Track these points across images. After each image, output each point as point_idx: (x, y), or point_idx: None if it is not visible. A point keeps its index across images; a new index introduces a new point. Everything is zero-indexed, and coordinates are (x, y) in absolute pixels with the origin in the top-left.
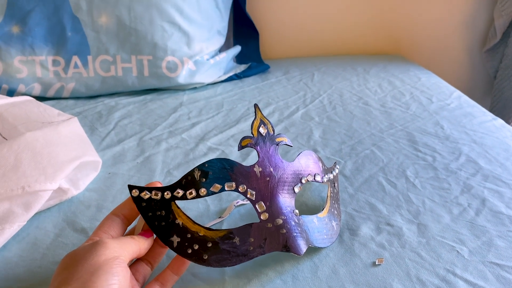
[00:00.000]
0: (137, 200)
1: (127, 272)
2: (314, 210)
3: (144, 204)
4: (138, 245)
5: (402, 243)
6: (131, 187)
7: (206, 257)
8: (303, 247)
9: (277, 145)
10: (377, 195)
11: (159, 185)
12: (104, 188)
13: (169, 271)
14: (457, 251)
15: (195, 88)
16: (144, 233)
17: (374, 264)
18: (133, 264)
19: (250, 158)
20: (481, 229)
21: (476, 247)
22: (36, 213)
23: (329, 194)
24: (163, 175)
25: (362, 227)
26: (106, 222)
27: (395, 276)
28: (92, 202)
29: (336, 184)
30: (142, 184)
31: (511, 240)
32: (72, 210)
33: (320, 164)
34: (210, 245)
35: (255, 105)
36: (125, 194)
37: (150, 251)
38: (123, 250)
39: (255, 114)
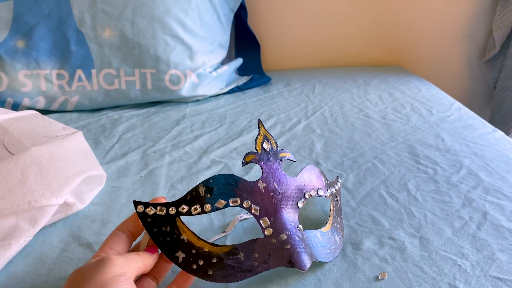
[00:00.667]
0: (142, 216)
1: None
2: (317, 224)
3: (149, 219)
4: (144, 261)
5: (404, 257)
6: (136, 203)
7: (211, 272)
8: (308, 263)
9: (280, 160)
10: (379, 208)
11: (164, 201)
12: (108, 202)
13: (174, 286)
14: (459, 265)
15: (198, 100)
16: (149, 249)
17: (377, 278)
18: (138, 280)
19: (253, 172)
20: (483, 243)
21: (478, 261)
22: (42, 228)
23: (331, 208)
24: (166, 188)
25: (365, 241)
26: (112, 238)
27: None
28: (97, 216)
29: (338, 198)
30: (147, 198)
31: None
32: (77, 224)
33: (323, 179)
34: (215, 260)
35: (259, 121)
36: (130, 208)
37: (155, 266)
38: (129, 266)
39: (259, 130)
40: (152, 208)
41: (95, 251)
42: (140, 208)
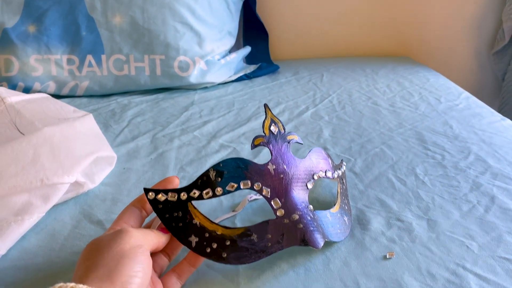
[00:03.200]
0: (153, 202)
1: (150, 261)
2: (325, 206)
3: (161, 206)
4: (157, 238)
5: (412, 238)
6: (146, 190)
7: (225, 255)
8: (321, 241)
9: (288, 143)
10: (387, 191)
11: (176, 180)
12: (119, 183)
13: (186, 263)
14: (467, 246)
15: (206, 87)
16: (161, 230)
17: (385, 257)
18: (152, 256)
19: (262, 155)
20: (491, 225)
21: (486, 242)
22: (54, 206)
23: (339, 190)
24: (176, 171)
25: (373, 222)
26: (126, 212)
27: (406, 269)
28: (108, 195)
29: (344, 181)
30: (157, 179)
31: None
32: (88, 203)
33: (330, 161)
34: (228, 243)
35: (265, 105)
36: (140, 189)
37: (169, 243)
38: (145, 240)
39: (266, 114)
40: (163, 194)
41: (106, 228)
42: (151, 195)
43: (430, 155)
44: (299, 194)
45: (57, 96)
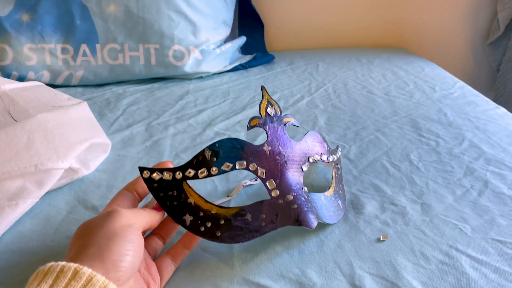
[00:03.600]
0: (148, 181)
1: (141, 240)
2: (319, 190)
3: (156, 185)
4: (150, 217)
5: (406, 221)
6: (141, 169)
7: (219, 234)
8: (314, 221)
9: (284, 125)
10: (381, 177)
11: (170, 165)
12: (113, 169)
13: (180, 246)
14: (460, 229)
15: (201, 77)
16: (155, 208)
17: (378, 240)
18: (146, 238)
19: (257, 142)
20: (484, 209)
21: (479, 225)
22: (48, 192)
23: (333, 174)
24: (171, 157)
25: (367, 206)
26: (119, 196)
27: (399, 251)
28: (102, 182)
29: (339, 166)
30: (152, 166)
31: None
32: (83, 189)
33: (325, 145)
34: (222, 222)
35: (262, 87)
36: (134, 175)
37: (163, 226)
38: (137, 219)
39: (262, 96)
40: (158, 173)
41: None
42: (146, 174)
43: (424, 142)
44: (294, 176)
45: (52, 85)
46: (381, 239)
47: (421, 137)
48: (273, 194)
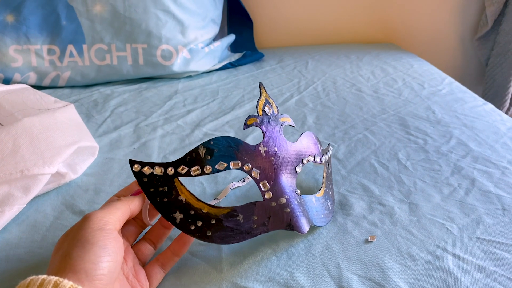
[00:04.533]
0: (138, 175)
1: (117, 242)
2: (308, 191)
3: (146, 179)
4: (127, 205)
5: (393, 222)
6: (132, 162)
7: (210, 234)
8: (306, 226)
9: (281, 125)
10: (369, 176)
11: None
12: (101, 173)
13: (170, 252)
14: (447, 228)
15: (190, 76)
16: (134, 194)
17: (366, 241)
18: (136, 244)
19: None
20: (470, 208)
21: (465, 224)
22: (35, 197)
23: (324, 175)
24: (159, 160)
25: (355, 206)
26: (106, 204)
27: (387, 252)
28: (90, 186)
29: (329, 165)
30: None
31: (499, 217)
32: (70, 193)
33: (319, 145)
34: (213, 222)
35: (260, 84)
36: (123, 178)
37: (154, 231)
38: (111, 214)
39: (260, 93)
40: (149, 167)
41: None
42: (137, 167)
43: (412, 140)
44: (288, 178)
45: (38, 87)
46: (369, 240)
47: (409, 135)
48: (266, 196)
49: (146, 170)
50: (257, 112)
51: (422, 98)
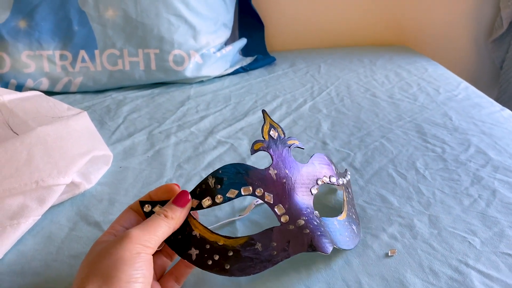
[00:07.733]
0: (149, 215)
1: (150, 264)
2: (330, 215)
3: None
4: (170, 224)
5: (414, 234)
6: (142, 203)
7: (228, 266)
8: (329, 246)
9: (289, 147)
10: (387, 187)
11: (175, 189)
12: (115, 182)
13: (183, 265)
14: (469, 242)
15: (202, 81)
16: (177, 202)
17: (386, 255)
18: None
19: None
20: (492, 220)
21: (488, 238)
22: (50, 207)
23: (345, 198)
24: (173, 168)
25: (374, 219)
26: (122, 215)
27: (408, 267)
28: (104, 195)
29: (350, 190)
30: (154, 178)
31: None
32: (84, 204)
33: (333, 167)
34: (231, 254)
35: (263, 111)
36: (137, 188)
37: (176, 268)
38: (151, 235)
39: (264, 119)
40: (160, 206)
41: (103, 230)
42: (147, 208)
43: (430, 148)
44: (304, 199)
45: (50, 92)
46: (389, 254)
47: (427, 143)
48: (282, 219)
49: (157, 209)
50: (262, 137)
51: (438, 104)
